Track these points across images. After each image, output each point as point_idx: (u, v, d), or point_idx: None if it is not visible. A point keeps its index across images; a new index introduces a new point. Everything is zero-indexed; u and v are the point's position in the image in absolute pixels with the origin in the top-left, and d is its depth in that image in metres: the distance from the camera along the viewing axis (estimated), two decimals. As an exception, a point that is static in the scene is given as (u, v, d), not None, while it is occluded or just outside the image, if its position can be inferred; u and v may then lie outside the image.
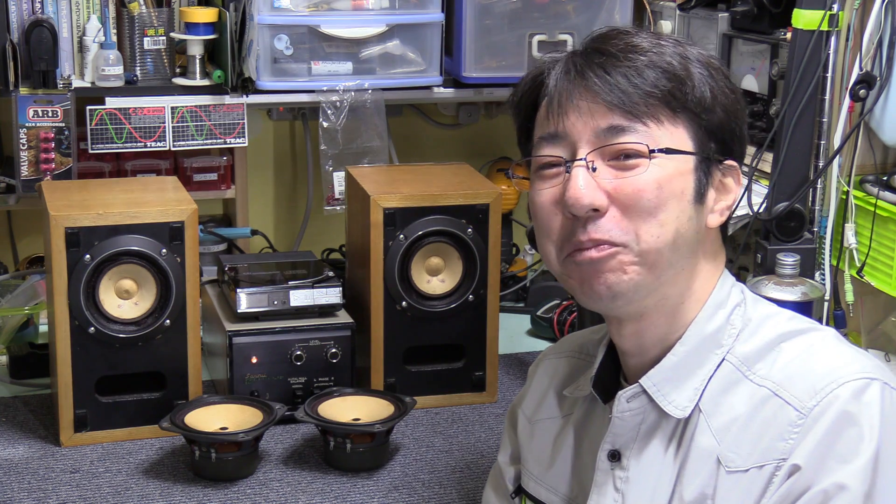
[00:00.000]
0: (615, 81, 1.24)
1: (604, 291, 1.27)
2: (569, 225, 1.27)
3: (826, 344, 1.28)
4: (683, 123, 1.26)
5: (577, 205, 1.24)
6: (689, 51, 1.29)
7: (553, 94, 1.28)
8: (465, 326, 2.52)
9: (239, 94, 2.82)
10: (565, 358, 1.50)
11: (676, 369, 1.30)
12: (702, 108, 1.27)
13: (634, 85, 1.24)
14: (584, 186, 1.24)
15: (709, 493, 1.25)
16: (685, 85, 1.26)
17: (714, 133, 1.28)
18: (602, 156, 1.25)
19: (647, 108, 1.25)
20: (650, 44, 1.27)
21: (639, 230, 1.25)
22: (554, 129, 1.28)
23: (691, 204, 1.27)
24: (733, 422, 1.26)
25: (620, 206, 1.25)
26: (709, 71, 1.28)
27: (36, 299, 2.60)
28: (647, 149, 1.24)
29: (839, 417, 1.19)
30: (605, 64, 1.25)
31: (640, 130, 1.24)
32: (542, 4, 2.91)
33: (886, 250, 2.33)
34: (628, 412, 1.32)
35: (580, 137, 1.26)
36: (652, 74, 1.25)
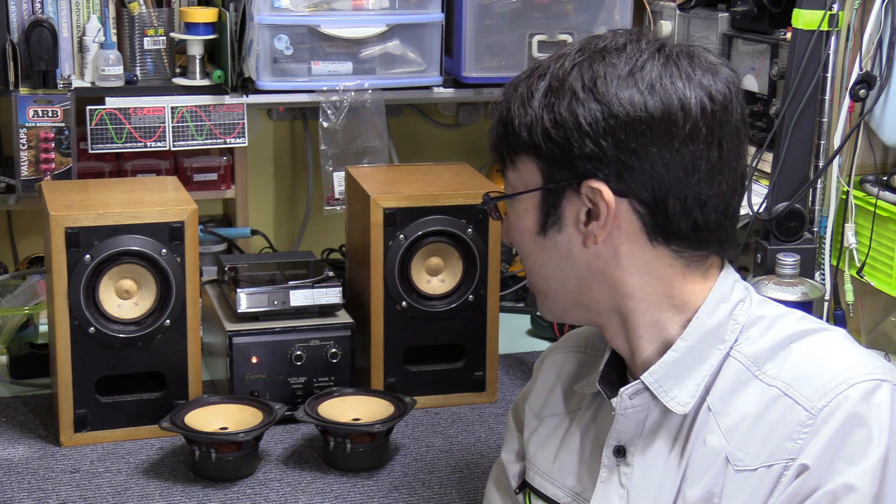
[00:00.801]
0: (491, 136, 1.39)
1: (549, 317, 1.43)
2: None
3: (836, 344, 1.28)
4: (524, 160, 1.33)
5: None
6: (552, 74, 1.32)
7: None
8: (465, 326, 2.52)
9: (239, 94, 2.82)
10: (572, 353, 1.51)
11: (678, 365, 1.30)
12: (531, 143, 1.31)
13: (493, 135, 1.38)
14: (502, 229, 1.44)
15: (716, 492, 1.26)
16: (509, 126, 1.34)
17: (552, 161, 1.30)
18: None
19: (500, 155, 1.37)
20: (525, 83, 1.35)
21: (523, 265, 1.40)
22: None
23: (536, 235, 1.35)
24: (742, 421, 1.26)
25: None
26: (548, 97, 1.30)
27: (36, 299, 2.60)
28: (487, 195, 1.41)
29: (849, 418, 1.20)
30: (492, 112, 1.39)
31: (506, 176, 1.38)
32: (542, 4, 2.91)
33: (886, 250, 2.33)
34: (631, 409, 1.32)
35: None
36: (496, 122, 1.37)
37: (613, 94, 1.27)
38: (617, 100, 1.26)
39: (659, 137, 1.26)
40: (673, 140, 1.26)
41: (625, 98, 1.26)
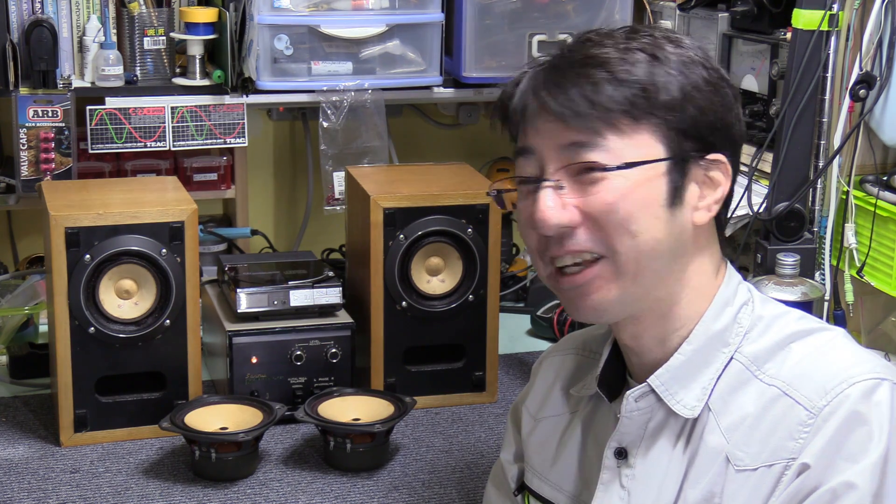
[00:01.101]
0: (569, 98, 1.24)
1: (590, 313, 1.30)
2: (544, 239, 1.29)
3: (836, 344, 1.29)
4: (649, 129, 1.25)
5: (545, 226, 1.26)
6: (662, 50, 1.27)
7: (517, 109, 1.30)
8: (465, 326, 2.52)
9: (239, 94, 2.81)
10: (570, 355, 1.51)
11: (684, 368, 1.30)
12: (668, 111, 1.25)
13: (589, 101, 1.24)
14: (550, 207, 1.26)
15: (717, 492, 1.26)
16: (646, 93, 1.25)
17: (688, 131, 1.27)
18: (569, 172, 1.26)
19: (603, 121, 1.24)
20: (616, 52, 1.26)
21: (613, 243, 1.26)
22: (522, 144, 1.30)
23: (665, 208, 1.27)
24: (742, 421, 1.26)
25: (592, 220, 1.26)
26: (681, 69, 1.27)
27: (36, 299, 2.60)
28: (606, 165, 1.24)
29: (849, 417, 1.20)
30: (562, 81, 1.26)
31: (601, 145, 1.24)
32: (542, 4, 2.91)
33: (886, 250, 2.33)
34: (636, 411, 1.32)
35: (546, 154, 1.27)
36: (609, 88, 1.24)
37: (726, 72, 1.31)
38: (729, 77, 1.31)
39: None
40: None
41: (728, 77, 1.32)
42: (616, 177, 1.24)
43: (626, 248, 1.25)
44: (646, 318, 1.31)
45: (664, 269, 1.28)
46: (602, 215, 1.25)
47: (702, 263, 1.32)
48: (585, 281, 1.27)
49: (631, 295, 1.28)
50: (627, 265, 1.26)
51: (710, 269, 1.33)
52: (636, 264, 1.26)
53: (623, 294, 1.27)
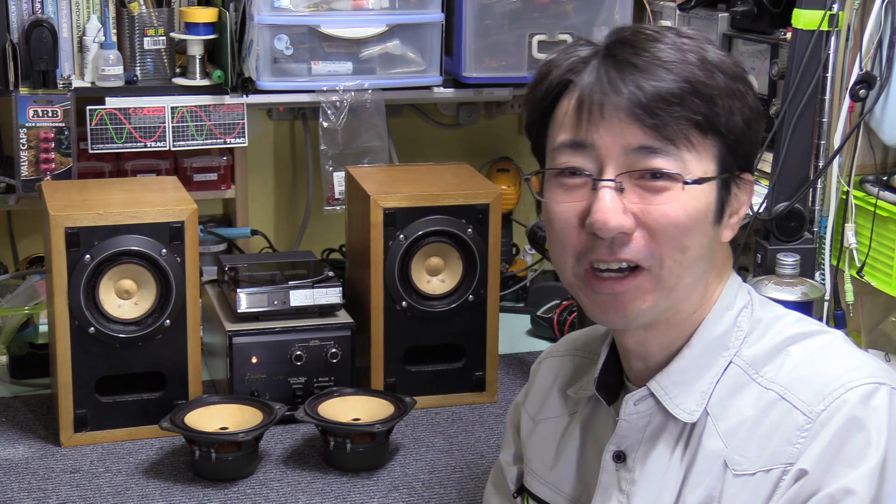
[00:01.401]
0: (651, 101, 1.21)
1: (620, 321, 1.28)
2: (590, 241, 1.25)
3: (834, 347, 1.28)
4: (711, 145, 1.24)
5: (605, 228, 1.22)
6: (710, 56, 1.25)
7: (584, 101, 1.24)
8: (465, 326, 2.52)
9: (239, 94, 2.81)
10: (569, 356, 1.50)
11: (684, 373, 1.29)
12: (728, 128, 1.24)
13: (669, 104, 1.21)
14: (611, 209, 1.22)
15: (715, 496, 1.25)
16: (715, 105, 1.23)
17: (736, 149, 1.26)
18: (630, 176, 1.22)
19: (680, 130, 1.22)
20: (677, 54, 1.23)
21: (663, 255, 1.23)
22: (582, 138, 1.24)
23: (711, 226, 1.26)
24: (740, 425, 1.25)
25: (648, 229, 1.23)
26: (734, 82, 1.25)
27: (36, 299, 2.60)
28: (680, 178, 1.22)
29: (847, 422, 1.19)
30: (640, 80, 1.21)
31: (672, 154, 1.22)
32: (542, 4, 2.91)
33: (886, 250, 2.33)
34: (636, 415, 1.32)
35: (609, 153, 1.23)
36: (684, 92, 1.21)
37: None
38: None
39: None
40: None
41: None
42: (684, 190, 1.22)
43: (674, 261, 1.24)
44: (659, 326, 1.30)
45: (694, 283, 1.28)
46: (661, 227, 1.22)
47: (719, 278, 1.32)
48: (626, 290, 1.24)
49: (662, 305, 1.27)
50: (669, 279, 1.25)
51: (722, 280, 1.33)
52: (677, 279, 1.25)
53: (656, 305, 1.26)
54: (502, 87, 3.00)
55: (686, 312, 1.30)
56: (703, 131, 1.23)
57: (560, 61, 1.28)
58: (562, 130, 1.27)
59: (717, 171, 1.25)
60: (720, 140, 1.24)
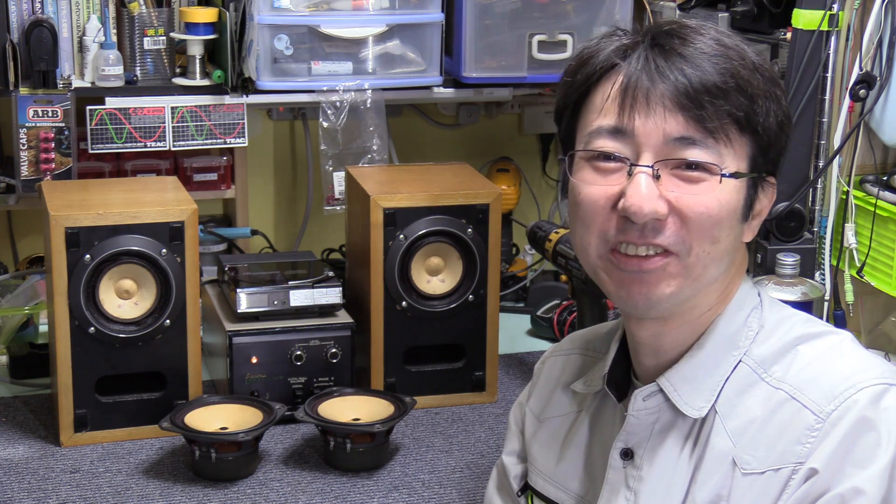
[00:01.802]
0: (696, 91, 1.22)
1: (641, 301, 1.27)
2: (621, 224, 1.25)
3: (843, 348, 1.28)
4: (747, 141, 1.26)
5: (640, 213, 1.22)
6: (751, 57, 1.26)
7: (629, 87, 1.24)
8: (465, 326, 2.52)
9: (239, 94, 2.81)
10: (574, 355, 1.50)
11: (694, 370, 1.30)
12: (764, 128, 1.26)
13: (713, 97, 1.22)
14: (647, 194, 1.23)
15: (724, 495, 1.25)
16: (755, 103, 1.24)
17: (768, 151, 1.28)
18: (666, 164, 1.24)
19: (721, 123, 1.23)
20: (721, 50, 1.25)
21: (693, 243, 1.24)
22: (623, 124, 1.25)
23: (739, 222, 1.28)
24: (749, 424, 1.26)
25: (681, 217, 1.24)
26: (772, 85, 1.27)
27: (36, 299, 2.60)
28: (717, 169, 1.23)
29: (857, 422, 1.20)
30: (687, 70, 1.23)
31: (711, 147, 1.23)
32: (542, 4, 2.90)
33: (886, 250, 2.33)
34: (644, 411, 1.32)
35: (647, 140, 1.23)
36: (728, 85, 1.23)
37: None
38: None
39: None
40: None
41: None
42: (721, 182, 1.24)
43: (703, 251, 1.25)
44: (674, 321, 1.31)
45: (716, 278, 1.29)
46: (695, 216, 1.24)
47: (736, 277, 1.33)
48: (654, 268, 1.25)
49: (684, 295, 1.27)
50: (696, 267, 1.26)
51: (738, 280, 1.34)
52: (703, 269, 1.26)
53: (680, 292, 1.27)
54: (502, 87, 3.00)
55: (702, 308, 1.30)
56: (742, 128, 1.25)
57: (604, 46, 1.29)
58: (601, 115, 1.27)
59: (749, 169, 1.27)
60: (755, 139, 1.26)
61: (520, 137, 3.34)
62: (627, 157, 1.24)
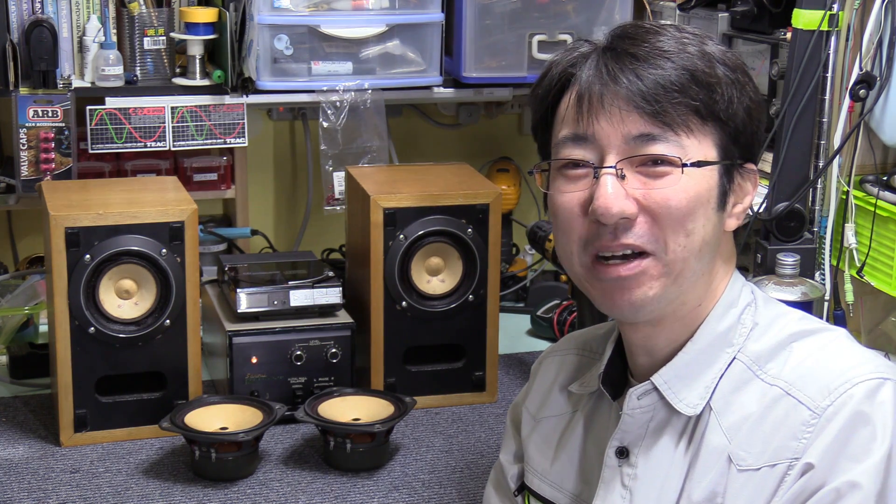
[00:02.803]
0: (650, 89, 1.24)
1: (626, 307, 1.28)
2: (594, 228, 1.27)
3: (838, 344, 1.29)
4: (711, 131, 1.27)
5: (607, 213, 1.24)
6: (711, 49, 1.28)
7: (584, 94, 1.27)
8: (465, 326, 2.52)
9: (239, 94, 2.81)
10: (570, 355, 1.51)
11: (688, 367, 1.30)
12: (728, 115, 1.27)
13: (668, 92, 1.24)
14: (613, 195, 1.24)
15: (719, 491, 1.26)
16: (714, 92, 1.25)
17: (737, 137, 1.29)
18: (631, 163, 1.25)
19: (679, 116, 1.24)
20: (676, 45, 1.26)
21: (667, 239, 1.25)
22: (583, 130, 1.27)
23: (715, 211, 1.28)
24: (744, 420, 1.26)
25: (650, 214, 1.25)
26: (733, 73, 1.28)
27: (36, 299, 2.60)
28: (679, 161, 1.24)
29: (853, 417, 1.20)
30: (639, 69, 1.24)
31: (672, 140, 1.25)
32: (542, 4, 2.91)
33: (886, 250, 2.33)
34: (639, 409, 1.32)
35: (609, 142, 1.25)
36: (684, 80, 1.24)
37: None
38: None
39: None
40: None
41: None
42: (683, 174, 1.25)
43: (678, 246, 1.26)
44: (665, 321, 1.31)
45: (700, 272, 1.29)
46: (663, 210, 1.25)
47: (724, 270, 1.33)
48: (632, 274, 1.26)
49: (669, 295, 1.28)
50: (675, 264, 1.26)
51: (727, 274, 1.34)
52: (683, 264, 1.27)
53: (663, 293, 1.27)
54: (502, 87, 3.00)
55: (691, 305, 1.31)
56: (703, 118, 1.26)
57: (560, 59, 1.32)
58: (563, 125, 1.29)
59: (719, 157, 1.27)
60: (720, 127, 1.27)
61: (520, 137, 3.34)
62: (592, 161, 1.26)
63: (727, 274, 1.34)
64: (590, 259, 1.28)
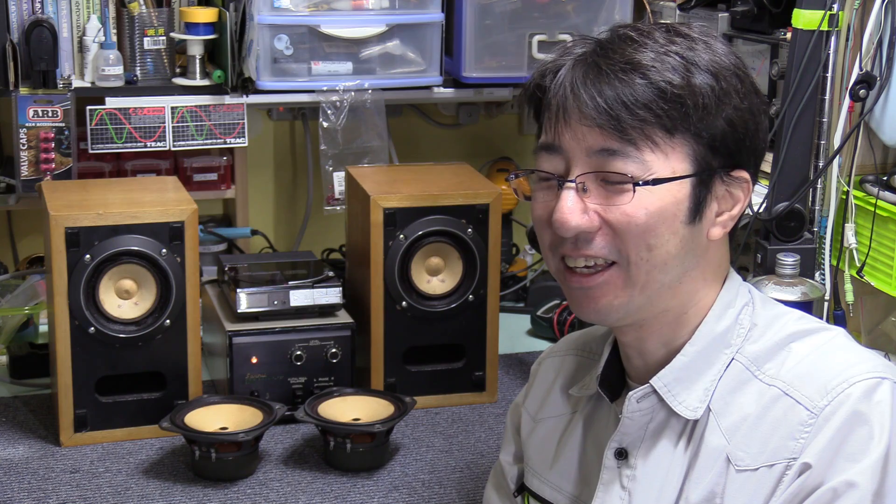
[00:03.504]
0: (608, 104, 1.23)
1: (593, 315, 1.30)
2: (558, 237, 1.29)
3: (836, 343, 1.29)
4: (681, 143, 1.25)
5: (563, 227, 1.26)
6: (698, 56, 1.26)
7: (551, 106, 1.28)
8: (465, 326, 2.52)
9: (239, 94, 2.82)
10: (569, 356, 1.51)
11: (686, 370, 1.30)
12: (702, 127, 1.25)
13: (629, 109, 1.22)
14: (570, 209, 1.25)
15: (718, 492, 1.26)
16: (684, 106, 1.24)
17: (718, 147, 1.27)
18: (595, 176, 1.25)
19: (640, 131, 1.23)
20: (653, 57, 1.24)
21: (629, 252, 1.26)
22: (553, 140, 1.28)
23: (684, 225, 1.27)
24: (743, 421, 1.26)
25: (610, 227, 1.26)
26: (716, 79, 1.26)
27: (36, 299, 2.60)
28: (631, 180, 1.23)
29: (850, 417, 1.20)
30: (602, 83, 1.24)
31: (632, 155, 1.24)
32: (542, 4, 2.91)
33: (886, 250, 2.33)
34: (638, 412, 1.32)
35: (574, 154, 1.26)
36: (649, 96, 1.23)
37: (754, 81, 1.33)
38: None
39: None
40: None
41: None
42: (642, 191, 1.24)
43: (640, 259, 1.26)
44: (652, 325, 1.32)
45: (672, 282, 1.29)
46: (622, 226, 1.25)
47: (714, 275, 1.33)
48: (595, 284, 1.27)
49: (636, 304, 1.29)
50: (638, 276, 1.27)
51: (718, 278, 1.33)
52: (647, 276, 1.27)
53: (629, 302, 1.28)
54: (502, 87, 3.00)
55: (675, 312, 1.31)
56: (669, 131, 1.24)
57: (545, 65, 1.32)
58: (543, 132, 1.31)
59: (693, 169, 1.26)
60: (692, 139, 1.25)
61: (520, 137, 3.34)
62: (559, 172, 1.28)
63: (719, 278, 1.33)
64: (559, 263, 1.31)
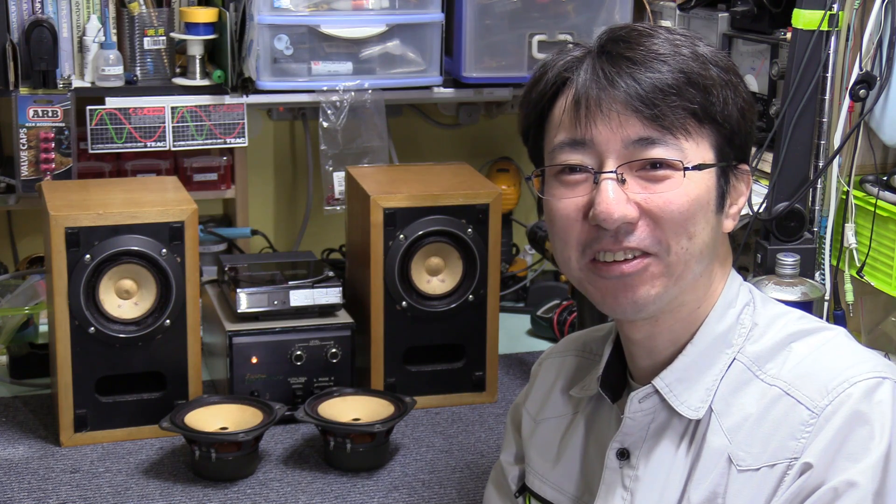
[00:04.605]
0: (648, 92, 1.23)
1: (629, 306, 1.28)
2: (594, 232, 1.27)
3: (837, 343, 1.29)
4: (707, 132, 1.27)
5: (609, 219, 1.24)
6: (702, 50, 1.28)
7: (581, 98, 1.26)
8: (465, 326, 2.52)
9: (239, 94, 2.82)
10: (570, 356, 1.51)
11: (688, 370, 1.30)
12: (724, 117, 1.27)
13: (667, 97, 1.24)
14: (614, 200, 1.24)
15: (720, 492, 1.26)
16: (710, 94, 1.26)
17: (733, 139, 1.29)
18: (630, 167, 1.25)
19: (677, 120, 1.24)
20: (670, 48, 1.26)
21: (669, 241, 1.26)
22: (581, 135, 1.27)
23: (714, 213, 1.28)
24: (744, 421, 1.26)
25: (652, 217, 1.25)
26: (726, 74, 1.28)
27: (36, 299, 2.60)
28: (680, 164, 1.24)
29: (851, 416, 1.20)
30: (636, 73, 1.24)
31: (671, 143, 1.25)
32: (542, 4, 2.91)
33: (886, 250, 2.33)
34: (640, 412, 1.32)
35: (608, 147, 1.25)
36: (681, 83, 1.24)
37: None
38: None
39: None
40: None
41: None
42: (684, 177, 1.25)
43: (681, 248, 1.26)
44: (666, 320, 1.31)
45: (700, 273, 1.29)
46: (665, 214, 1.25)
47: (721, 270, 1.34)
48: (635, 271, 1.26)
49: (670, 294, 1.28)
50: (677, 265, 1.27)
51: (724, 273, 1.34)
52: (684, 265, 1.27)
53: (665, 292, 1.28)
54: (502, 87, 3.00)
55: (691, 306, 1.31)
56: (700, 120, 1.26)
57: (554, 62, 1.31)
58: (559, 130, 1.29)
59: (716, 160, 1.28)
60: (717, 129, 1.27)
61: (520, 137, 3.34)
62: (591, 166, 1.26)
63: (724, 275, 1.34)
64: (587, 261, 1.28)
